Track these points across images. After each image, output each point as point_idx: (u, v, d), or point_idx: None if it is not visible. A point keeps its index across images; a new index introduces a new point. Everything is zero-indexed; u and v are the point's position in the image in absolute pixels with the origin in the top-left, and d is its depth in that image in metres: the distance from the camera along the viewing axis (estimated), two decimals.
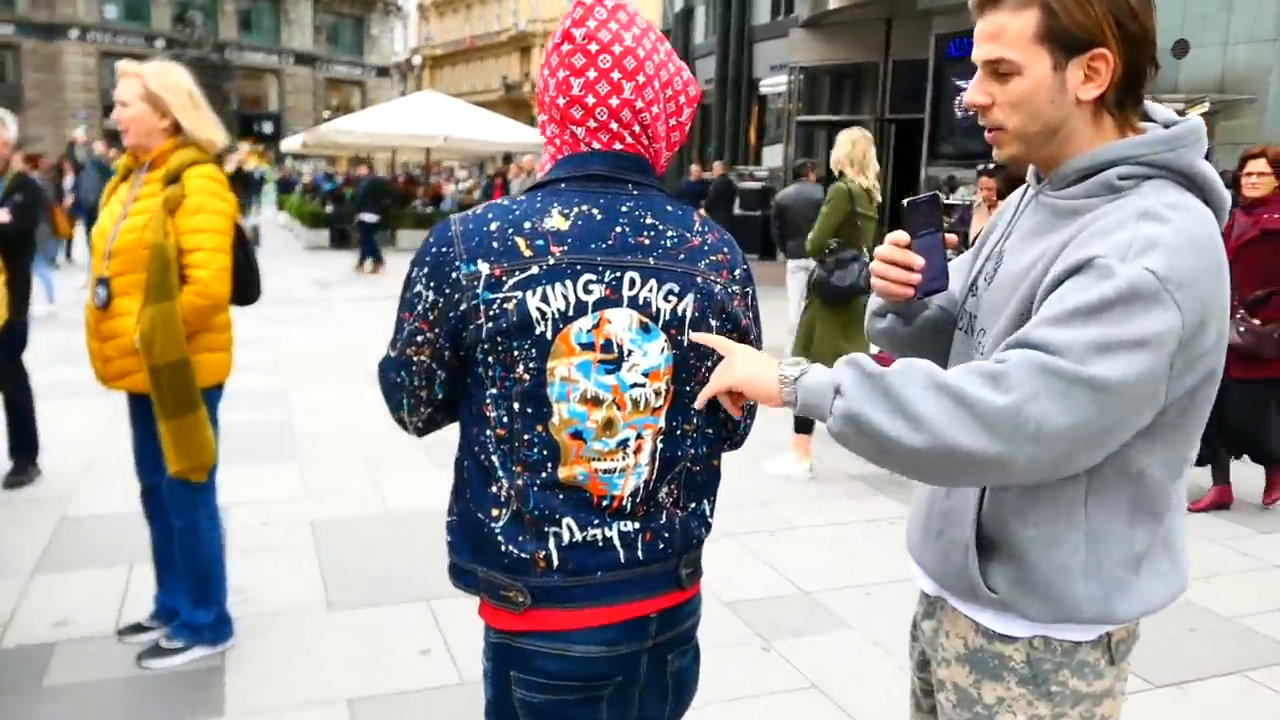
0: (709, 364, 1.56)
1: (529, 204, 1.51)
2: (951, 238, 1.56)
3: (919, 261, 1.53)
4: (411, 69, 51.94)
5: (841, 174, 5.88)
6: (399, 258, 19.39)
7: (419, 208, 22.84)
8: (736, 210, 17.22)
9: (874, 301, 1.70)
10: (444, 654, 3.50)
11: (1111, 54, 1.35)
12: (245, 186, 21.56)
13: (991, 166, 6.72)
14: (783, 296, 9.23)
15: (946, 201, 14.99)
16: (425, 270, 1.50)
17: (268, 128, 43.08)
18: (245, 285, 3.35)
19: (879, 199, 6.05)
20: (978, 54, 1.43)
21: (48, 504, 4.84)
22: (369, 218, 16.33)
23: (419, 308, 1.51)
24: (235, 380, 3.45)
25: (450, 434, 1.65)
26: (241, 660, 3.43)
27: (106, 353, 3.14)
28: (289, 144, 27.80)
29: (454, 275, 1.47)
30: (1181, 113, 1.48)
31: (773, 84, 20.70)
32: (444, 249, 1.49)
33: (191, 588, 3.38)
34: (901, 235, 1.55)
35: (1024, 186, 1.60)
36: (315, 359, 8.85)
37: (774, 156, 20.83)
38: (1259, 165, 5.03)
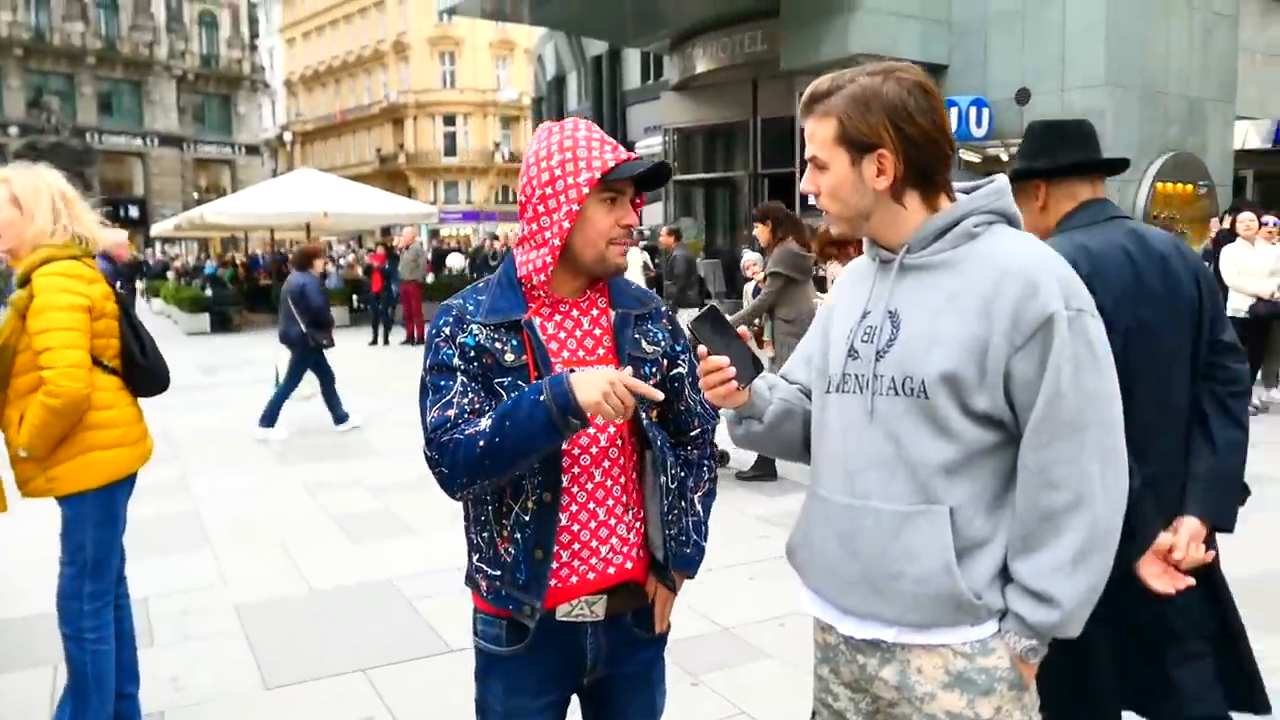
0: None
1: None
2: (743, 330, 1.76)
3: (725, 360, 1.73)
4: (283, 145, 51.34)
5: None
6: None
7: None
8: None
9: (726, 415, 1.92)
10: (387, 719, 3.59)
11: (891, 153, 1.63)
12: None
13: None
14: None
15: None
16: None
17: (134, 212, 41.97)
18: (138, 375, 3.35)
19: None
20: (807, 150, 1.74)
21: None
22: None
23: None
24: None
25: (365, 508, 1.76)
26: None
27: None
28: (160, 228, 27.18)
29: None
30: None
31: (648, 145, 21.29)
32: None
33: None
34: (700, 350, 1.74)
35: (859, 260, 1.85)
36: (211, 444, 8.74)
37: (653, 215, 21.37)
38: None
